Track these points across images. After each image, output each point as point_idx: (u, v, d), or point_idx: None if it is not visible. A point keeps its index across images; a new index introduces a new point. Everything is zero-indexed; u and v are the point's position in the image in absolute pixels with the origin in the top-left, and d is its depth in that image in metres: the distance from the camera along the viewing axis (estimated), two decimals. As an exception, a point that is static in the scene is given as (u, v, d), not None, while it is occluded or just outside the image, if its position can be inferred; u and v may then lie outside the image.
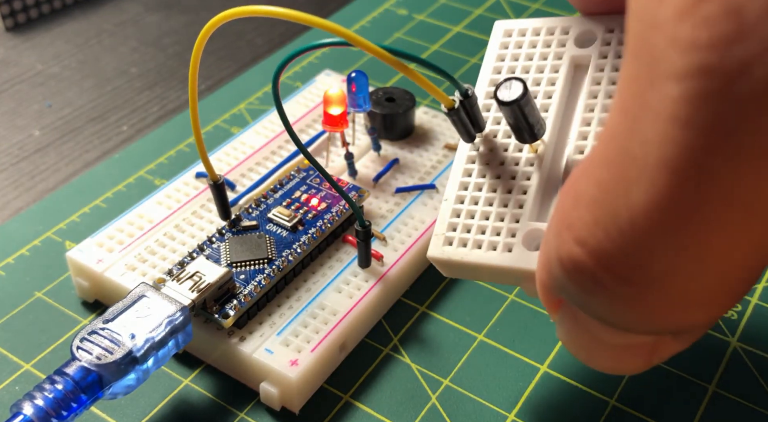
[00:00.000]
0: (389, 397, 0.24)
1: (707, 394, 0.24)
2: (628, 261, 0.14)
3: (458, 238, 0.21)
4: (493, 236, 0.20)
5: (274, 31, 0.42)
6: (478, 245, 0.20)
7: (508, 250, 0.20)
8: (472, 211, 0.21)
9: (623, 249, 0.14)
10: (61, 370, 0.21)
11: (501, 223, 0.20)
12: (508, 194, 0.21)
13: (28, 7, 0.42)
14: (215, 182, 0.26)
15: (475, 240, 0.20)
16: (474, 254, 0.20)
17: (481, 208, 0.21)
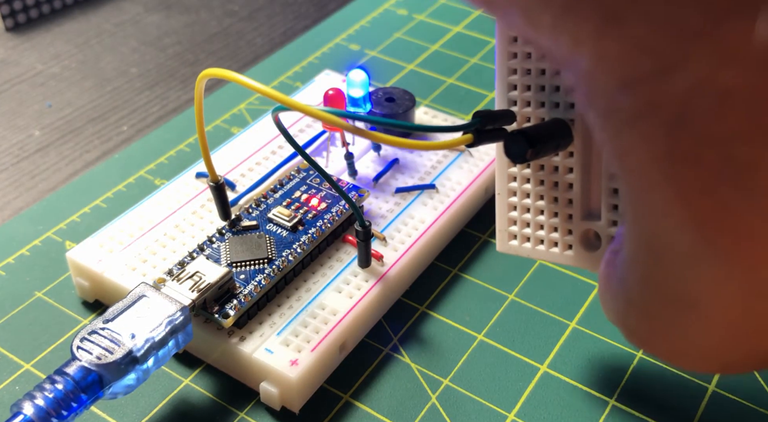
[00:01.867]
0: (389, 397, 0.24)
1: (707, 394, 0.24)
2: None
3: (520, 234, 0.23)
4: (551, 232, 0.22)
5: (275, 31, 0.42)
6: (540, 240, 0.22)
7: (568, 247, 0.22)
8: (525, 205, 0.22)
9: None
10: (62, 370, 0.21)
11: (555, 219, 0.22)
12: (554, 189, 0.22)
13: (28, 7, 0.42)
14: (216, 183, 0.26)
15: (536, 237, 0.22)
16: (538, 252, 0.22)
17: (534, 203, 0.22)
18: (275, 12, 0.44)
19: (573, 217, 0.22)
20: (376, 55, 0.39)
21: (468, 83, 0.37)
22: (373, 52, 0.39)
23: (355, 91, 0.29)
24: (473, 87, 0.37)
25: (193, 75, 0.39)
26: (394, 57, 0.39)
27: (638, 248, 0.15)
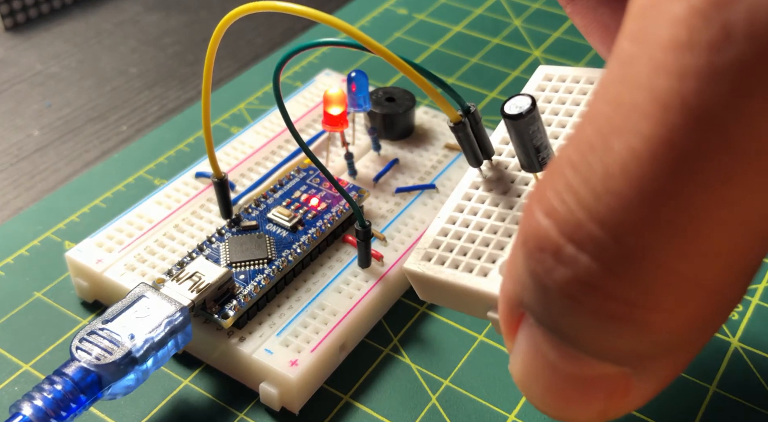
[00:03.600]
0: (389, 398, 0.24)
1: (708, 394, 0.24)
2: (602, 232, 0.12)
3: (438, 255, 0.20)
4: (473, 259, 0.20)
5: (274, 31, 0.42)
6: (455, 265, 0.20)
7: (484, 274, 0.19)
8: (459, 233, 0.21)
9: (596, 217, 0.12)
10: (61, 370, 0.21)
11: (484, 248, 0.20)
12: (500, 222, 0.20)
13: (27, 7, 0.42)
14: (219, 179, 0.26)
15: (454, 260, 0.20)
16: (447, 272, 0.20)
17: (470, 231, 0.20)
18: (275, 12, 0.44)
19: (505, 248, 0.20)
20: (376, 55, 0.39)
21: (468, 83, 0.37)
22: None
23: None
24: (473, 87, 0.37)
25: (193, 75, 0.39)
26: (394, 57, 0.39)
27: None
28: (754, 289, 0.27)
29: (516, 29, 0.41)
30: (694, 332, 0.13)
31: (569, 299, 0.13)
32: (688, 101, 0.11)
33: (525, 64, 0.39)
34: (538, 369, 0.15)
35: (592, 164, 0.12)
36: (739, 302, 0.14)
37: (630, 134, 0.12)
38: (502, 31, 0.41)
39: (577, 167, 0.12)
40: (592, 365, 0.14)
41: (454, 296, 0.20)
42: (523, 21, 0.42)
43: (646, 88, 0.11)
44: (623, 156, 0.12)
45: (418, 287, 0.21)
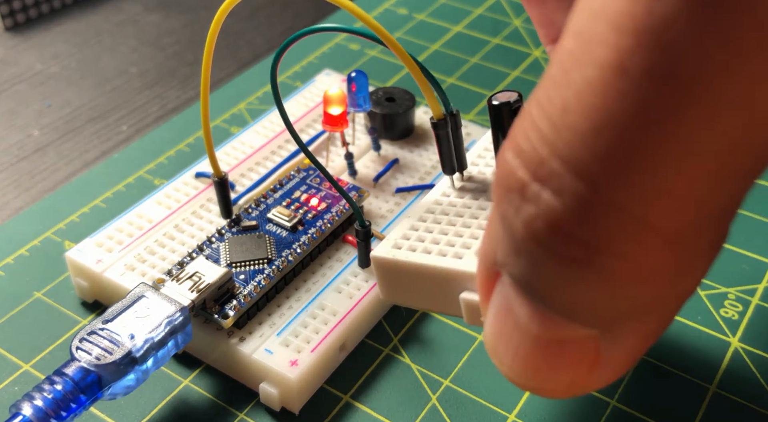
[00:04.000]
0: (389, 398, 0.24)
1: (708, 394, 0.24)
2: (563, 169, 0.12)
3: (409, 244, 0.20)
4: (446, 246, 0.19)
5: (274, 31, 0.42)
6: (428, 251, 0.19)
7: (458, 257, 0.19)
8: (431, 228, 0.20)
9: (557, 152, 0.12)
10: (61, 370, 0.21)
11: (458, 238, 0.19)
12: (473, 219, 0.20)
13: (27, 7, 0.42)
14: (220, 178, 0.26)
15: (426, 248, 0.19)
16: (419, 256, 0.19)
17: (442, 226, 0.20)
18: (275, 12, 0.44)
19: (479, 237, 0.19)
20: (376, 55, 0.39)
21: (468, 83, 0.37)
22: (373, 52, 0.39)
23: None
24: (473, 87, 0.37)
25: (193, 75, 0.39)
26: (394, 57, 0.39)
27: None
28: (753, 289, 0.27)
29: (516, 29, 0.41)
30: (662, 288, 0.13)
31: (534, 241, 0.12)
32: (638, 22, 0.11)
33: (525, 64, 0.39)
34: (508, 331, 0.14)
35: (553, 99, 0.12)
36: (714, 258, 0.13)
37: (586, 64, 0.11)
38: (502, 31, 0.41)
39: (542, 104, 0.12)
40: (561, 325, 0.14)
41: (423, 285, 0.19)
42: (523, 21, 0.42)
43: (602, 14, 0.11)
44: (579, 87, 0.11)
45: (384, 281, 0.20)
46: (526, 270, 0.13)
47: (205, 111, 0.25)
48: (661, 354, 0.25)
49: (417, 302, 0.20)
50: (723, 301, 0.27)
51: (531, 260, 0.13)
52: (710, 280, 0.28)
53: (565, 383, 0.14)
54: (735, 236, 0.29)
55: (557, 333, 0.14)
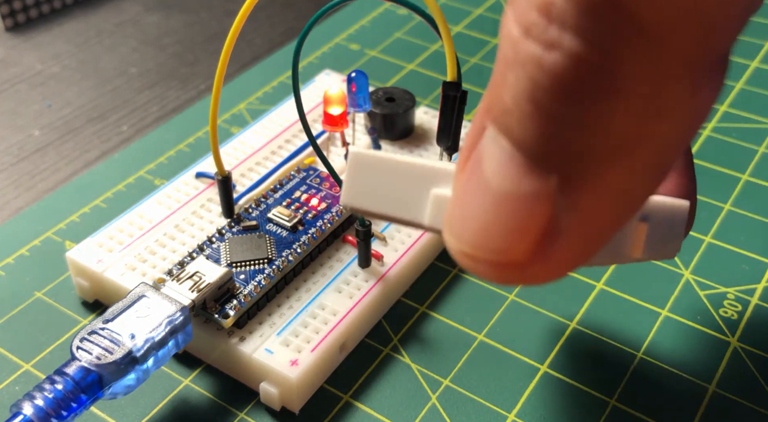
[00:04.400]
0: (389, 397, 0.24)
1: (707, 394, 0.24)
2: None
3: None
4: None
5: (275, 31, 0.42)
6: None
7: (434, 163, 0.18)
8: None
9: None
10: (61, 370, 0.21)
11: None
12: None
13: (27, 7, 0.42)
14: (224, 177, 0.26)
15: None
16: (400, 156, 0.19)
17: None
18: (275, 12, 0.44)
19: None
20: (376, 55, 0.39)
21: (468, 83, 0.37)
22: (373, 52, 0.39)
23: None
24: (473, 87, 0.37)
25: (193, 75, 0.39)
26: (394, 57, 0.39)
27: None
28: (753, 289, 0.28)
29: (516, 29, 0.41)
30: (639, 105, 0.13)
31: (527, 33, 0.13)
32: None
33: (525, 64, 0.38)
34: (470, 194, 0.15)
35: None
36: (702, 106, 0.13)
37: None
38: (502, 32, 0.41)
39: None
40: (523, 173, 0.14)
41: (395, 184, 0.19)
42: (523, 21, 0.42)
43: None
44: None
45: (353, 180, 0.19)
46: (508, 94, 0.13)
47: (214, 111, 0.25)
48: (660, 354, 0.25)
49: (379, 206, 0.19)
50: (722, 301, 0.27)
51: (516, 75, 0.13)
52: (709, 280, 0.28)
53: (514, 254, 0.14)
54: (734, 236, 0.29)
55: (517, 185, 0.14)
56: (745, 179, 0.32)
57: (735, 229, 0.30)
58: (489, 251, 0.14)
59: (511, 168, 0.14)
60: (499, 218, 0.14)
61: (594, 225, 0.14)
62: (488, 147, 0.14)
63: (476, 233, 0.15)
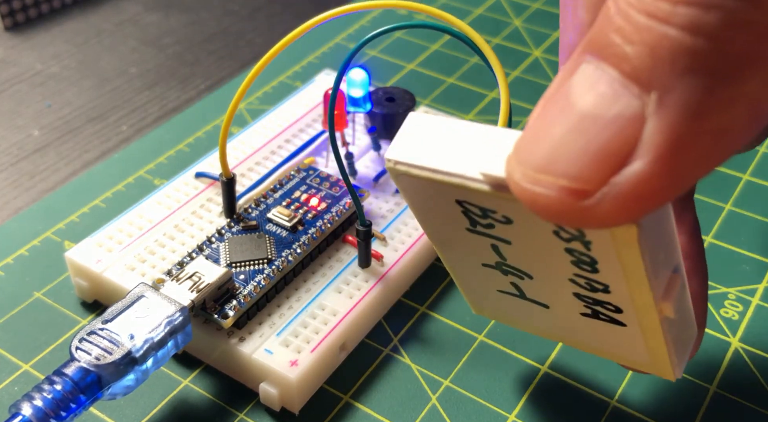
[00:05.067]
0: (389, 398, 0.24)
1: (708, 395, 0.24)
2: None
3: None
4: None
5: (274, 31, 0.42)
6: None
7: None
8: None
9: None
10: (60, 371, 0.21)
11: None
12: None
13: (27, 7, 0.42)
14: (228, 178, 0.26)
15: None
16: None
17: None
18: (275, 12, 0.44)
19: None
20: (376, 55, 0.39)
21: (468, 83, 0.37)
22: (373, 52, 0.39)
23: (356, 91, 0.29)
24: (473, 87, 0.37)
25: (193, 75, 0.39)
26: (394, 57, 0.39)
27: None
28: (754, 289, 0.27)
29: (516, 29, 0.41)
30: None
31: None
32: None
33: (525, 64, 0.39)
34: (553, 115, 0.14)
35: None
36: None
37: None
38: (502, 31, 0.41)
39: None
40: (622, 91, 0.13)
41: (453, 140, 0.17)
42: (523, 21, 0.42)
43: None
44: None
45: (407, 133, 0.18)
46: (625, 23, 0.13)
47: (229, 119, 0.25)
48: (661, 354, 0.25)
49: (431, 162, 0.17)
50: (723, 301, 0.27)
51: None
52: (710, 280, 0.28)
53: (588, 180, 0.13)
54: (735, 236, 0.29)
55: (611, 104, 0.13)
56: (746, 179, 0.32)
57: (736, 229, 0.30)
58: (558, 174, 0.13)
59: (607, 88, 0.13)
60: (579, 139, 0.13)
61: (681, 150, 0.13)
62: (582, 74, 0.14)
63: (548, 155, 0.14)
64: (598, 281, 0.17)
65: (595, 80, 0.13)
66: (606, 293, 0.18)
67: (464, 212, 0.17)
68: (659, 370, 0.20)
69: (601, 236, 0.16)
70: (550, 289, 0.19)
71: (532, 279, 0.19)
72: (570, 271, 0.17)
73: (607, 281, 0.17)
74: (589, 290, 0.18)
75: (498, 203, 0.16)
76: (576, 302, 0.19)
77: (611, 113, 0.13)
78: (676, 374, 0.20)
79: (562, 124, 0.14)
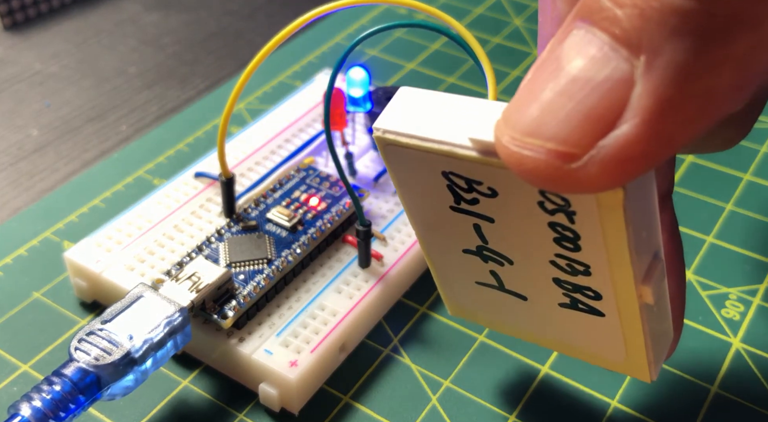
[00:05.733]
0: (389, 398, 0.24)
1: (709, 395, 0.24)
2: None
3: None
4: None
5: (274, 30, 0.42)
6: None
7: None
8: None
9: None
10: (59, 371, 0.20)
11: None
12: None
13: (26, 6, 0.41)
14: (228, 178, 0.26)
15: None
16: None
17: None
18: (274, 11, 0.44)
19: None
20: (376, 54, 0.39)
21: (468, 83, 0.37)
22: (373, 51, 0.39)
23: (355, 91, 0.29)
24: (473, 86, 0.37)
25: (192, 74, 0.39)
26: (394, 56, 0.39)
27: None
28: (755, 289, 0.27)
29: (516, 29, 0.41)
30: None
31: None
32: None
33: (525, 63, 0.38)
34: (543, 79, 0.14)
35: None
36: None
37: None
38: (503, 31, 0.41)
39: None
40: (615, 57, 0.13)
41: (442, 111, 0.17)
42: (523, 20, 0.42)
43: None
44: None
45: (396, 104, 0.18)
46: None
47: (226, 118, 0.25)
48: (662, 355, 0.25)
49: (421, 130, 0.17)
50: (724, 301, 0.27)
51: None
52: (711, 280, 0.28)
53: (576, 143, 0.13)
54: (736, 236, 0.29)
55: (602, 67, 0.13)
56: (746, 179, 0.32)
57: (737, 229, 0.30)
58: (546, 137, 0.13)
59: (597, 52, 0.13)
60: (567, 102, 0.13)
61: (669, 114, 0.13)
62: (573, 39, 0.14)
63: (536, 119, 0.14)
64: (579, 261, 0.17)
65: (585, 44, 0.14)
66: (586, 275, 0.17)
67: (449, 186, 0.17)
68: (636, 369, 0.20)
69: (586, 204, 0.15)
70: (530, 276, 0.19)
71: (512, 265, 0.19)
72: (551, 251, 0.17)
73: (589, 260, 0.17)
74: (569, 273, 0.18)
75: (485, 171, 0.16)
76: (555, 291, 0.19)
77: (600, 76, 0.13)
78: (653, 374, 0.19)
79: (552, 88, 0.14)
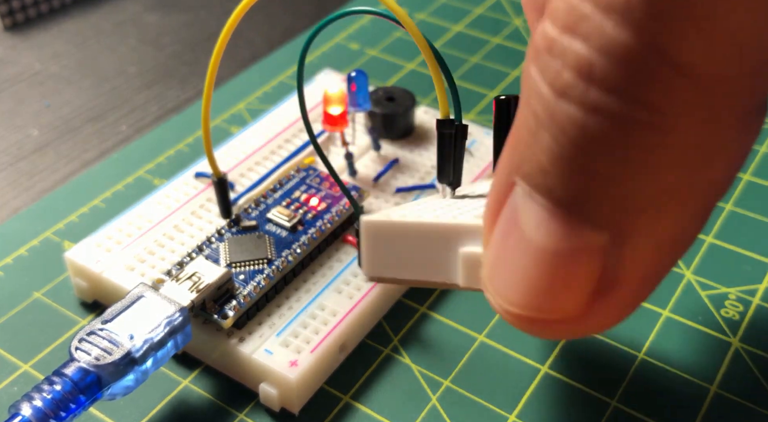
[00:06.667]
0: (389, 398, 0.24)
1: (709, 395, 0.24)
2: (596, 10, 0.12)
3: (401, 213, 0.19)
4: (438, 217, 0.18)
5: (274, 31, 0.42)
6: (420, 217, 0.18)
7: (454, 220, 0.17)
8: (420, 210, 0.19)
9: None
10: (60, 371, 0.20)
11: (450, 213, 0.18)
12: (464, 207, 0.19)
13: (26, 7, 0.41)
14: (219, 178, 0.26)
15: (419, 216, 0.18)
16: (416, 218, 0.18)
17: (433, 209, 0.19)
18: (274, 11, 0.44)
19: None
20: (376, 54, 0.39)
21: (468, 83, 0.37)
22: (373, 51, 0.39)
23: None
24: (473, 86, 0.37)
25: (192, 74, 0.39)
26: (394, 56, 0.39)
27: None
28: (754, 289, 0.27)
29: (516, 29, 0.41)
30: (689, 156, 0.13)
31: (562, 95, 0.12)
32: None
33: (525, 63, 0.38)
34: (510, 249, 0.14)
35: None
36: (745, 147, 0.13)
37: None
38: (502, 31, 0.41)
39: None
40: (569, 229, 0.13)
41: (417, 249, 0.18)
42: (523, 20, 0.42)
43: None
44: None
45: (371, 250, 0.18)
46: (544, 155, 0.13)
47: (206, 112, 0.25)
48: (661, 355, 0.25)
49: (405, 273, 0.18)
50: (724, 301, 0.27)
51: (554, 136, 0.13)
52: (711, 280, 0.28)
53: (565, 310, 0.14)
54: (736, 236, 0.29)
55: (564, 241, 0.13)
56: (746, 179, 0.32)
57: (736, 229, 0.30)
58: (538, 310, 0.14)
59: (555, 225, 0.13)
60: (546, 275, 0.14)
61: (649, 272, 0.14)
62: (524, 204, 0.14)
63: (522, 293, 0.14)
64: None
65: (537, 212, 0.14)
66: None
67: None
68: None
69: None
70: None
71: None
72: None
73: None
74: None
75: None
76: None
77: (570, 248, 0.13)
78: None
79: (526, 262, 0.14)
